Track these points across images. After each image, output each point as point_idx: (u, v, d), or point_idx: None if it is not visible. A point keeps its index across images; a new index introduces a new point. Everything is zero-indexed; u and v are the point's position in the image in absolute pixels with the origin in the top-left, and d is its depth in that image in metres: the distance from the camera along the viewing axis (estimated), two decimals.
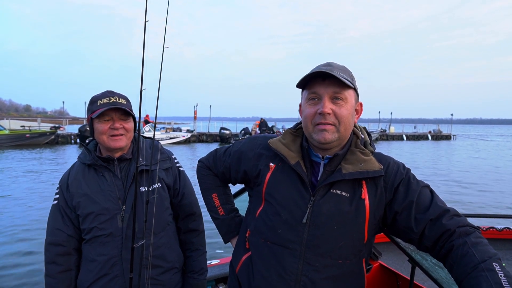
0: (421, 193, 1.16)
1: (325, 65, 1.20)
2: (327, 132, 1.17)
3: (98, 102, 1.54)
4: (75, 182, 1.58)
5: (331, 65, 1.20)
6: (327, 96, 1.17)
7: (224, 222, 1.55)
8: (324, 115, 1.16)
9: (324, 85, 1.16)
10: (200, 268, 1.77)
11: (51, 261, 1.56)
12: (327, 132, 1.17)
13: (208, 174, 1.57)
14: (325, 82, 1.16)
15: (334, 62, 1.24)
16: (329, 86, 1.16)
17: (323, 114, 1.16)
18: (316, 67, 1.23)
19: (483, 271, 0.94)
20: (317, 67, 1.22)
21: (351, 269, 1.21)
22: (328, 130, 1.17)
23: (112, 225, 1.53)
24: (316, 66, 1.24)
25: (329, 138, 1.17)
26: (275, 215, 1.24)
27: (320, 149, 1.24)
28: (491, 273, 0.93)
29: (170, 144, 27.67)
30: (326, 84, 1.16)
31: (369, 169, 1.17)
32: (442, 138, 45.72)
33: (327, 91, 1.16)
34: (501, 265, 0.96)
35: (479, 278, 0.94)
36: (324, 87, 1.17)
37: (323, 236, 1.17)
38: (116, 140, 1.54)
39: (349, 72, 1.21)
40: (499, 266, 0.95)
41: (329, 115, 1.16)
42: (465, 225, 1.08)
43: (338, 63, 1.24)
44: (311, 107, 1.20)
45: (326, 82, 1.16)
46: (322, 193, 1.20)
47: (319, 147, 1.23)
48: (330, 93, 1.16)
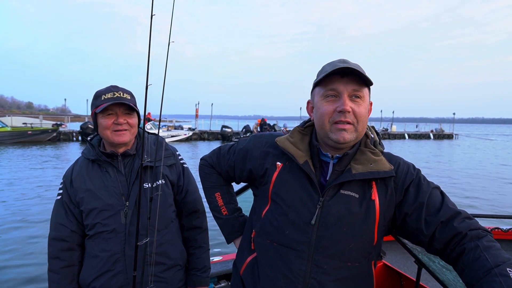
0: (432, 194, 1.13)
1: (341, 62, 1.15)
2: (346, 132, 1.13)
3: (102, 97, 1.52)
4: (79, 178, 1.57)
5: (347, 62, 1.15)
6: (346, 93, 1.12)
7: (228, 222, 1.51)
8: (344, 113, 1.12)
9: (344, 82, 1.12)
10: (203, 266, 1.75)
11: (54, 256, 1.56)
12: (346, 132, 1.13)
13: (211, 172, 1.53)
14: (344, 79, 1.12)
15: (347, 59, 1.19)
16: (349, 83, 1.12)
17: (344, 112, 1.11)
18: (331, 64, 1.18)
19: (496, 276, 0.91)
20: (332, 63, 1.18)
21: (360, 272, 1.19)
22: (347, 130, 1.13)
23: (115, 221, 1.52)
24: (330, 62, 1.20)
25: (348, 138, 1.13)
26: (282, 215, 1.21)
27: (332, 148, 1.20)
28: (505, 279, 0.90)
29: (171, 142, 27.70)
30: (345, 81, 1.12)
31: (379, 169, 1.15)
32: (444, 137, 45.65)
33: (347, 88, 1.12)
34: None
35: (493, 283, 0.90)
36: (343, 84, 1.12)
37: (332, 238, 1.15)
38: (119, 135, 1.53)
39: (363, 69, 1.16)
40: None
41: (349, 113, 1.12)
42: (477, 228, 1.06)
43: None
44: (329, 104, 1.15)
45: (345, 79, 1.12)
46: (332, 193, 1.16)
47: (335, 146, 1.18)
48: (349, 90, 1.13)
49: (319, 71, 1.22)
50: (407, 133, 43.43)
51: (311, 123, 1.31)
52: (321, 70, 1.21)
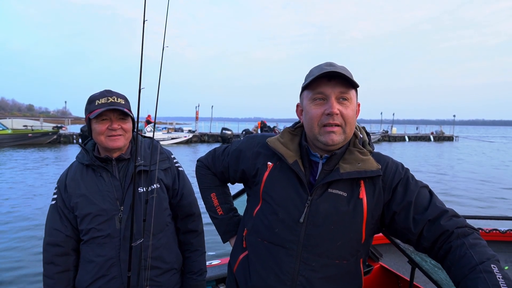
0: (420, 193, 1.15)
1: (328, 65, 1.18)
2: (334, 134, 1.16)
3: (96, 102, 1.52)
4: (73, 183, 1.57)
5: (334, 65, 1.18)
6: (334, 96, 1.15)
7: (223, 222, 1.55)
8: (332, 116, 1.14)
9: (331, 85, 1.15)
10: (199, 269, 1.76)
11: (49, 261, 1.55)
12: (334, 134, 1.16)
13: (207, 173, 1.56)
14: (331, 82, 1.15)
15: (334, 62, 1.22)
16: (336, 86, 1.14)
17: (332, 114, 1.14)
18: (318, 67, 1.21)
19: (481, 272, 0.93)
20: (319, 67, 1.20)
21: (348, 269, 1.20)
22: (335, 132, 1.16)
23: (110, 226, 1.52)
24: (317, 65, 1.22)
25: (337, 140, 1.16)
26: (272, 214, 1.23)
27: (321, 149, 1.23)
28: (489, 275, 0.92)
29: (171, 145, 27.71)
30: (332, 84, 1.15)
31: (367, 168, 1.17)
32: (444, 139, 45.63)
33: (334, 91, 1.15)
34: (500, 267, 0.95)
35: (477, 279, 0.93)
36: (331, 87, 1.15)
37: (320, 236, 1.17)
38: (114, 140, 1.53)
39: (349, 72, 1.20)
40: (497, 268, 0.94)
41: (337, 115, 1.14)
42: (464, 226, 1.07)
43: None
44: (317, 107, 1.17)
45: (332, 82, 1.14)
46: (320, 192, 1.19)
47: (324, 148, 1.21)
48: (336, 93, 1.15)
49: (307, 75, 1.24)
50: (408, 135, 43.43)
51: (300, 124, 1.34)
52: (309, 73, 1.23)
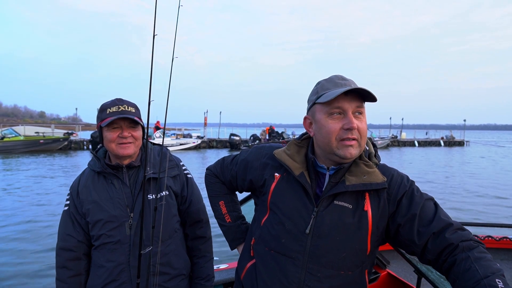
0: (425, 206, 1.16)
1: (340, 79, 1.20)
2: (352, 148, 1.17)
3: (108, 110, 1.56)
4: (85, 189, 1.61)
5: (346, 79, 1.20)
6: (351, 110, 1.16)
7: (231, 229, 1.57)
8: (352, 131, 1.15)
9: (348, 99, 1.15)
10: (206, 275, 1.78)
11: (62, 265, 1.59)
12: (352, 148, 1.17)
13: (215, 181, 1.59)
14: (348, 96, 1.15)
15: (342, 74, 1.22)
16: (353, 101, 1.15)
17: (352, 129, 1.15)
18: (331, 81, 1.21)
19: (485, 286, 0.93)
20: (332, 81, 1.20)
21: (353, 280, 1.21)
22: (353, 146, 1.17)
23: (120, 233, 1.55)
24: (328, 79, 1.22)
25: (354, 153, 1.18)
26: (279, 224, 1.25)
27: (334, 161, 1.23)
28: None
29: (180, 150, 27.83)
30: (349, 98, 1.15)
31: (372, 181, 1.17)
32: (455, 144, 44.97)
33: (351, 105, 1.16)
34: (505, 282, 0.94)
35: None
36: (348, 102, 1.15)
37: (326, 247, 1.18)
38: (124, 148, 1.57)
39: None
40: (502, 283, 0.94)
41: (355, 130, 1.16)
42: (469, 240, 1.07)
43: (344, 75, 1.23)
44: (335, 122, 1.17)
45: (349, 96, 1.15)
46: (326, 204, 1.20)
47: (339, 161, 1.21)
48: (353, 107, 1.16)
49: (318, 88, 1.24)
50: (417, 140, 42.94)
51: (307, 136, 1.35)
52: (321, 87, 1.22)
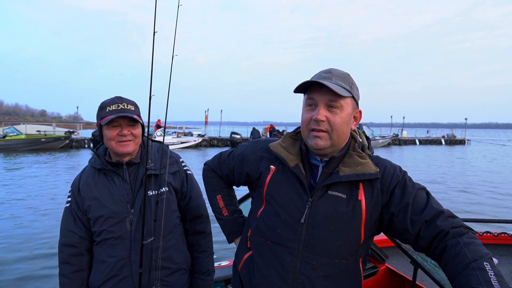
0: (417, 195, 1.19)
1: (325, 72, 1.23)
2: (319, 139, 1.21)
3: (107, 108, 1.58)
4: (86, 186, 1.63)
5: (331, 72, 1.23)
6: (322, 103, 1.20)
7: (228, 223, 1.60)
8: (318, 122, 1.20)
9: (321, 92, 1.20)
10: (207, 269, 1.80)
11: (64, 261, 1.62)
12: (319, 139, 1.21)
13: (213, 176, 1.62)
14: (322, 89, 1.19)
15: (336, 68, 1.26)
16: (325, 94, 1.19)
17: (317, 120, 1.19)
18: (316, 74, 1.26)
19: (474, 270, 0.97)
20: (317, 74, 1.26)
21: (347, 268, 1.25)
22: (321, 137, 1.21)
23: (121, 228, 1.57)
24: (318, 72, 1.27)
25: (321, 145, 1.21)
26: (274, 215, 1.28)
27: (316, 153, 1.28)
28: (481, 272, 0.96)
29: (181, 149, 27.85)
30: (323, 91, 1.19)
31: (365, 171, 1.21)
32: (456, 143, 44.91)
33: (323, 98, 1.20)
34: (492, 265, 0.98)
35: (470, 276, 0.96)
36: (320, 95, 1.20)
37: (320, 236, 1.21)
38: (124, 145, 1.59)
39: (349, 80, 1.24)
40: (489, 266, 0.97)
41: (323, 122, 1.19)
42: (459, 226, 1.11)
43: (341, 69, 1.26)
44: (308, 113, 1.24)
45: (323, 89, 1.19)
46: (320, 194, 1.24)
47: (313, 152, 1.27)
48: (325, 100, 1.20)
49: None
50: (418, 139, 42.90)
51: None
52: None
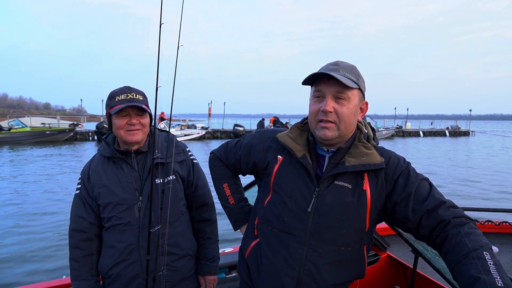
0: (420, 185, 1.22)
1: (332, 65, 1.25)
2: (327, 130, 1.23)
3: (116, 98, 1.61)
4: (96, 174, 1.67)
5: (338, 64, 1.25)
6: (330, 95, 1.22)
7: (234, 211, 1.63)
8: (326, 113, 1.22)
9: (328, 84, 1.22)
10: (212, 256, 1.85)
11: (74, 246, 1.67)
12: (327, 130, 1.23)
13: (219, 165, 1.65)
14: (329, 81, 1.22)
15: (343, 61, 1.28)
16: (333, 86, 1.21)
17: (325, 112, 1.22)
18: (323, 66, 1.28)
19: (473, 259, 0.99)
20: (324, 66, 1.28)
21: (352, 255, 1.28)
22: (329, 128, 1.23)
23: (129, 215, 1.62)
24: (325, 64, 1.29)
25: (329, 135, 1.24)
26: (282, 204, 1.31)
27: (324, 143, 1.30)
28: (481, 261, 0.97)
29: (184, 141, 27.79)
30: (330, 83, 1.22)
31: (370, 162, 1.23)
32: (460, 134, 44.67)
33: (330, 90, 1.22)
34: (492, 254, 0.99)
35: (469, 265, 0.98)
36: (327, 86, 1.22)
37: (327, 225, 1.24)
38: (132, 134, 1.62)
39: (356, 72, 1.26)
40: (489, 255, 0.99)
41: (331, 113, 1.22)
42: (460, 216, 1.13)
43: (348, 62, 1.29)
44: (315, 104, 1.26)
45: (331, 81, 1.21)
46: (327, 184, 1.26)
47: (321, 142, 1.30)
48: (333, 92, 1.22)
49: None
50: (422, 131, 42.69)
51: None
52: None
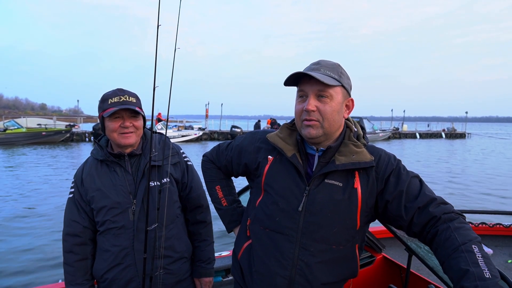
0: (411, 183, 1.23)
1: (314, 64, 1.28)
2: (311, 128, 1.25)
3: (109, 100, 1.60)
4: (89, 177, 1.65)
5: (320, 63, 1.27)
6: (312, 94, 1.24)
7: (227, 212, 1.62)
8: (308, 112, 1.24)
9: (310, 83, 1.24)
10: (207, 258, 1.84)
11: (68, 250, 1.65)
12: (311, 128, 1.25)
13: (211, 167, 1.65)
14: (311, 80, 1.23)
15: (326, 59, 1.31)
16: (314, 85, 1.23)
17: (308, 111, 1.24)
18: (306, 67, 1.30)
19: (462, 252, 1.02)
20: (307, 67, 1.30)
21: (344, 254, 1.29)
22: (313, 126, 1.25)
23: (124, 218, 1.61)
24: (309, 64, 1.31)
25: (314, 134, 1.25)
26: (273, 204, 1.32)
27: (311, 142, 1.32)
28: (469, 254, 1.00)
29: (182, 142, 27.86)
30: (312, 82, 1.23)
31: (360, 160, 1.24)
32: (456, 136, 44.87)
33: (312, 89, 1.24)
34: (480, 248, 1.02)
35: (459, 258, 1.01)
36: (309, 86, 1.24)
37: (318, 223, 1.25)
38: (126, 137, 1.61)
39: (338, 69, 1.28)
40: (477, 248, 1.02)
41: (314, 112, 1.24)
42: (450, 212, 1.15)
43: (331, 60, 1.31)
44: (300, 104, 1.28)
45: (312, 80, 1.23)
46: (317, 182, 1.27)
47: (308, 141, 1.31)
48: (315, 91, 1.24)
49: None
50: (418, 132, 42.89)
51: None
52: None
